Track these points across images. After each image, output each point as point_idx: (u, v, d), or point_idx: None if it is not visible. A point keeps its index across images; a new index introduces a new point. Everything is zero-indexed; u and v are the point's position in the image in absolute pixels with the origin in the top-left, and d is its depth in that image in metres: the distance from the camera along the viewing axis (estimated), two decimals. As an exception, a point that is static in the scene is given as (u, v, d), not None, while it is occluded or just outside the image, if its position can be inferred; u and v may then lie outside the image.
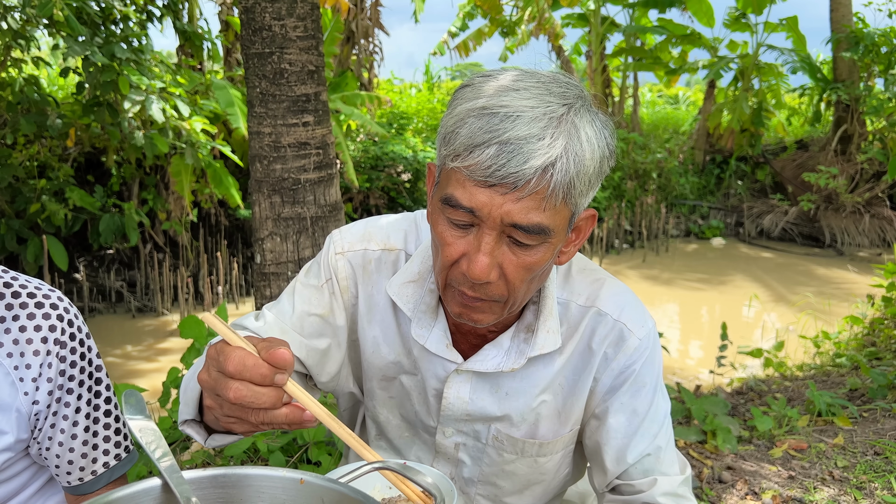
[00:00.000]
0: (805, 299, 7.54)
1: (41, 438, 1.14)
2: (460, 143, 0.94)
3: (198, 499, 0.82)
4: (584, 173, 0.95)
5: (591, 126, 0.96)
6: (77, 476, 1.18)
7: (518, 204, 0.93)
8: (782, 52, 12.41)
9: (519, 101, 0.93)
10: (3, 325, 1.08)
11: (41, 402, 1.11)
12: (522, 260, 0.98)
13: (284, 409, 0.83)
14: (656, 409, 1.20)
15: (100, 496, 0.79)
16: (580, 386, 1.19)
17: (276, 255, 3.36)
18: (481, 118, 0.92)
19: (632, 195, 12.16)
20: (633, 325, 1.17)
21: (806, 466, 2.96)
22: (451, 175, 0.97)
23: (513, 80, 0.96)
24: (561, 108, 0.94)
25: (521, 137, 0.90)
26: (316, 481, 0.85)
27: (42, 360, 1.10)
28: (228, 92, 7.69)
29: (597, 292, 1.19)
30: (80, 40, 6.24)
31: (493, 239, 0.96)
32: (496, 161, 0.91)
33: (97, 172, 8.22)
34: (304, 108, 3.30)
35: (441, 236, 1.01)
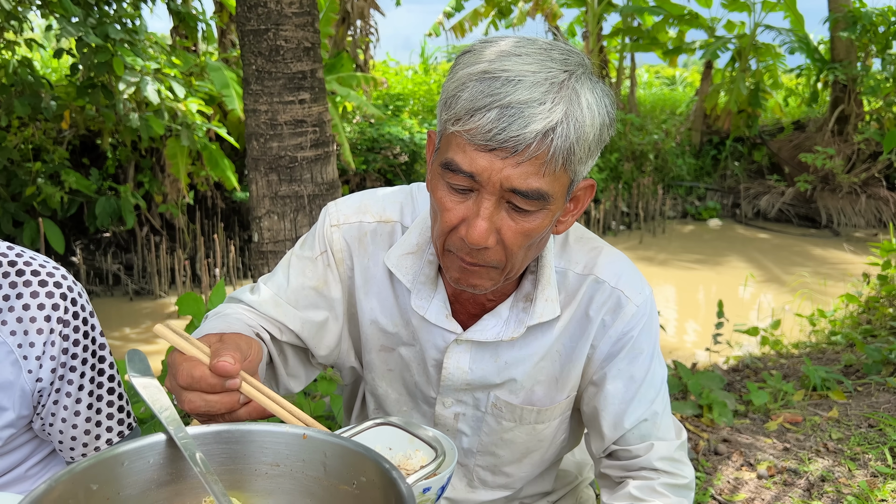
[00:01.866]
0: (801, 279, 7.57)
1: (45, 415, 1.15)
2: (461, 107, 0.94)
3: (202, 454, 0.83)
4: (584, 139, 0.95)
5: (592, 93, 0.97)
6: (80, 452, 1.19)
7: (518, 169, 0.93)
8: (780, 32, 12.36)
9: (520, 66, 0.93)
10: (6, 302, 1.08)
11: (44, 380, 1.11)
12: (521, 226, 0.99)
13: (244, 409, 0.87)
14: (653, 375, 1.21)
15: (106, 450, 0.81)
16: (578, 353, 1.20)
17: (274, 234, 3.37)
18: (482, 82, 0.93)
19: (629, 176, 12.15)
20: (630, 293, 1.18)
21: (801, 439, 2.99)
22: (451, 139, 0.97)
23: (514, 45, 0.96)
24: (562, 73, 0.94)
25: (523, 101, 0.91)
26: (318, 436, 0.87)
27: (45, 338, 1.10)
28: (223, 73, 7.64)
29: (594, 260, 1.20)
30: (73, 21, 6.19)
31: (492, 204, 0.97)
32: (497, 125, 0.91)
33: (92, 155, 8.19)
34: (300, 86, 3.29)
35: (441, 202, 1.01)
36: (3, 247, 1.13)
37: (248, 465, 0.88)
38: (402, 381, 1.28)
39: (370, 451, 0.82)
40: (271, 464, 0.88)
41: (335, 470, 0.85)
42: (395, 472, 0.77)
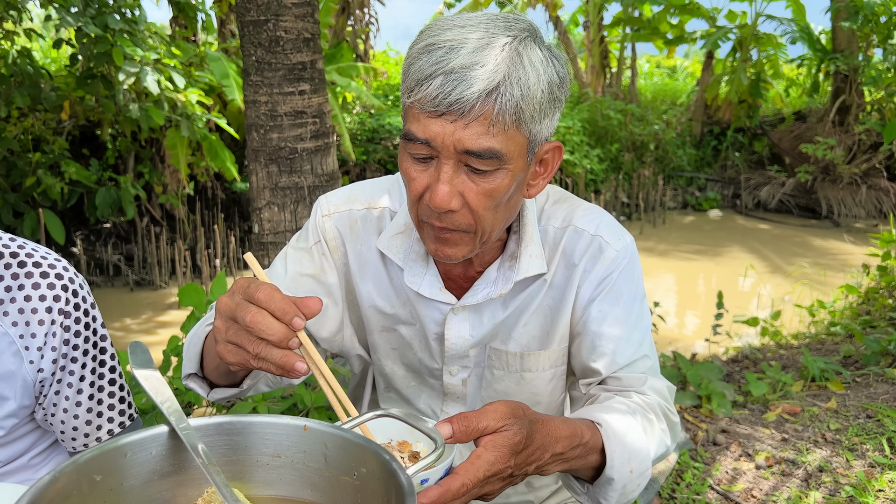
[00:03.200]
0: (801, 270, 7.58)
1: (46, 405, 1.15)
2: (411, 79, 1.00)
3: (204, 445, 0.84)
4: (530, 97, 0.99)
5: (537, 52, 1.01)
6: (82, 443, 1.20)
7: (467, 130, 0.98)
8: (781, 22, 12.30)
9: (463, 35, 0.98)
10: (8, 294, 1.09)
11: (46, 371, 1.12)
12: (482, 187, 1.03)
13: (277, 353, 0.86)
14: (638, 318, 1.24)
15: (109, 441, 0.81)
16: (565, 302, 1.24)
17: (274, 225, 3.37)
18: (429, 53, 0.98)
19: (629, 167, 12.13)
20: (609, 238, 1.23)
21: (799, 429, 3.00)
22: (408, 112, 1.03)
23: (461, 17, 1.02)
24: (505, 38, 0.99)
25: (465, 66, 0.96)
26: (319, 427, 0.87)
27: (47, 329, 1.10)
28: (223, 64, 7.62)
29: (572, 213, 1.25)
30: (72, 11, 6.17)
31: (450, 168, 1.02)
32: (442, 90, 0.96)
33: (92, 146, 8.18)
34: (300, 77, 3.28)
35: (406, 173, 1.06)
36: (5, 238, 1.14)
37: (249, 456, 0.89)
38: (406, 360, 1.32)
39: (370, 443, 0.83)
40: (272, 455, 0.88)
41: (336, 461, 0.86)
42: (395, 464, 0.78)
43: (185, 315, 6.88)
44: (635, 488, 1.09)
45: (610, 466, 1.05)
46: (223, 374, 1.12)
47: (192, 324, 2.78)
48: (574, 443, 1.00)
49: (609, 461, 1.05)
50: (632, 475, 1.07)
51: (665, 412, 1.21)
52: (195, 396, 2.67)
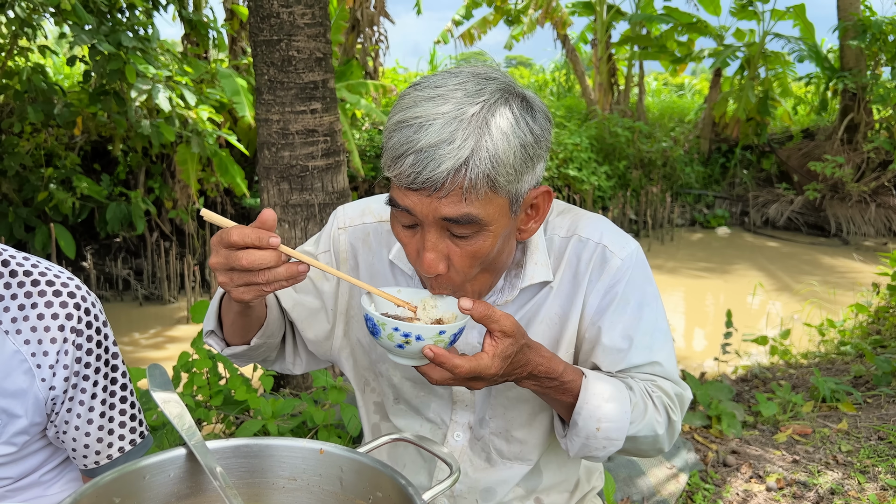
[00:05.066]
0: (810, 288, 7.55)
1: (58, 422, 1.16)
2: (387, 156, 1.04)
3: (222, 468, 0.84)
4: (501, 164, 1.01)
5: (506, 116, 1.03)
6: (93, 460, 1.21)
7: (443, 202, 1.02)
8: (789, 40, 12.34)
9: (432, 110, 1.01)
10: (21, 312, 1.10)
11: (58, 388, 1.13)
12: (465, 250, 1.07)
13: (283, 269, 0.96)
14: (649, 323, 1.25)
15: (129, 463, 0.82)
16: (573, 311, 1.26)
17: (284, 242, 3.39)
18: (400, 131, 1.01)
19: (637, 184, 12.14)
20: (614, 247, 1.25)
21: (810, 451, 2.98)
22: (391, 182, 1.07)
23: (432, 88, 1.04)
24: (473, 107, 1.01)
25: (433, 144, 0.98)
26: (335, 451, 0.88)
27: (59, 347, 1.11)
28: (234, 80, 7.69)
29: (576, 223, 1.28)
30: (86, 29, 6.25)
31: (434, 235, 1.05)
32: (414, 169, 1.00)
33: (103, 161, 8.25)
34: (312, 96, 3.31)
35: (398, 237, 1.12)
36: (19, 257, 1.15)
37: (265, 479, 0.89)
38: (414, 371, 1.34)
39: (386, 467, 0.84)
40: (288, 478, 0.89)
41: (352, 485, 0.87)
42: (410, 489, 0.79)
43: (194, 330, 6.91)
44: (600, 448, 1.18)
45: (577, 413, 1.15)
46: (238, 332, 1.21)
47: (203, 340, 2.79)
48: (552, 375, 1.12)
49: (577, 408, 1.15)
50: (598, 433, 1.16)
51: (667, 409, 1.24)
52: (204, 413, 2.68)
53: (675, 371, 1.29)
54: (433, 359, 0.99)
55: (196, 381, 2.67)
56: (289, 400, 2.62)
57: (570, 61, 14.90)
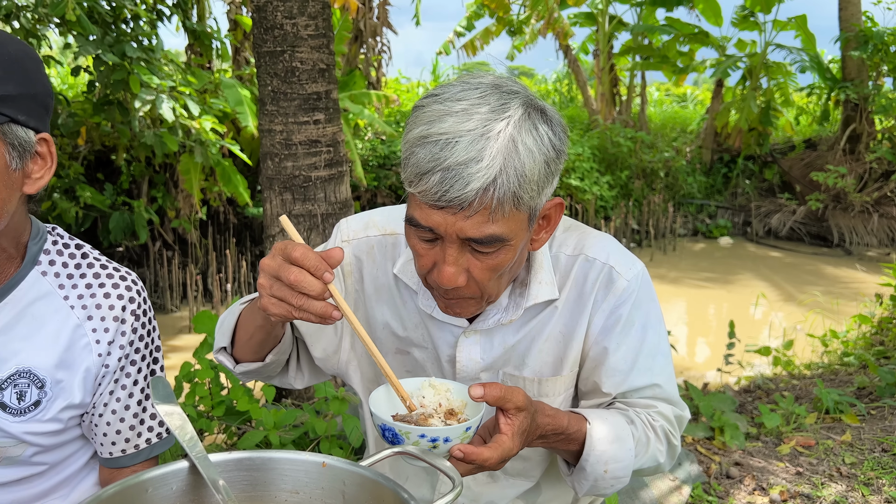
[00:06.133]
0: (813, 298, 7.53)
1: (97, 403, 1.19)
2: (410, 171, 1.02)
3: (224, 481, 0.84)
4: (527, 182, 1.01)
5: (531, 133, 1.02)
6: (120, 448, 1.23)
7: (468, 221, 1.01)
8: (791, 50, 12.37)
9: (458, 126, 0.99)
10: (88, 290, 1.16)
11: (111, 367, 1.17)
12: (486, 263, 1.07)
13: (321, 302, 0.96)
14: (651, 345, 1.26)
15: (131, 476, 0.82)
16: (577, 330, 1.26)
17: (287, 252, 3.40)
18: (425, 147, 1.00)
19: (639, 194, 12.15)
20: (621, 268, 1.25)
21: (814, 463, 2.97)
22: (411, 197, 1.06)
23: (455, 100, 1.02)
24: (499, 123, 1.00)
25: (461, 162, 0.97)
26: (337, 464, 0.88)
27: (118, 326, 1.16)
28: (237, 91, 7.73)
29: (583, 242, 1.27)
30: (91, 39, 6.28)
31: (455, 250, 1.05)
32: (441, 187, 0.98)
33: (107, 170, 8.28)
34: (315, 106, 3.33)
35: (413, 248, 1.11)
36: (94, 253, 1.21)
37: (268, 492, 0.89)
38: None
39: (389, 481, 0.84)
40: (291, 491, 0.89)
41: (354, 498, 0.87)
42: (413, 502, 0.79)
43: (196, 339, 6.91)
44: (608, 487, 1.21)
45: (584, 459, 1.17)
46: (253, 347, 1.21)
47: (206, 350, 2.79)
48: (558, 430, 1.14)
49: (585, 455, 1.17)
50: (605, 475, 1.18)
51: (667, 435, 1.26)
52: (206, 424, 2.68)
53: (674, 392, 1.30)
54: (464, 458, 0.98)
55: (198, 392, 2.67)
56: (291, 411, 2.62)
57: (572, 72, 14.95)
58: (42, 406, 1.12)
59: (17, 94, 1.00)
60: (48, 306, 1.13)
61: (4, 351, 1.10)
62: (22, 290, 1.11)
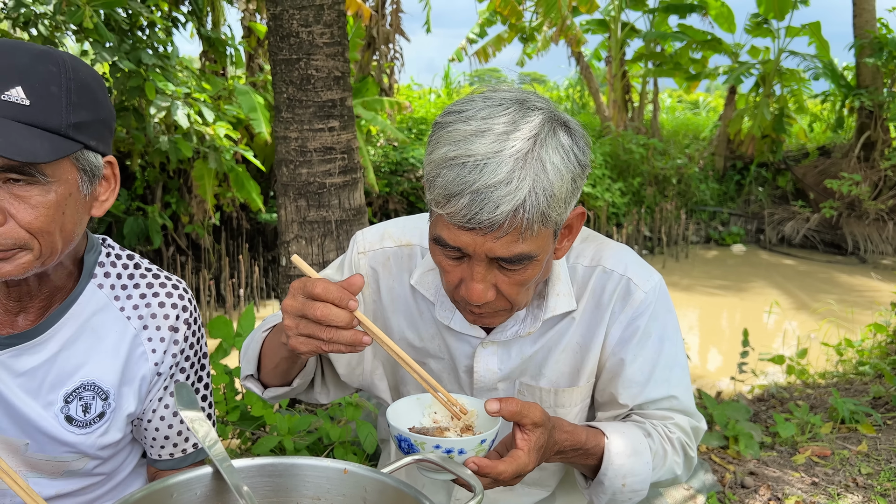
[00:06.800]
0: (827, 307, 7.48)
1: (147, 409, 1.21)
2: (438, 193, 1.02)
3: (248, 487, 0.85)
4: (555, 201, 1.02)
5: (559, 151, 1.02)
6: (168, 452, 1.26)
7: (498, 242, 1.01)
8: (804, 57, 12.32)
9: (485, 147, 0.99)
10: (143, 300, 1.18)
11: (163, 374, 1.19)
12: (514, 279, 1.08)
13: (350, 331, 0.97)
14: (668, 357, 1.27)
15: (157, 482, 0.83)
16: (594, 341, 1.27)
17: (302, 258, 3.41)
18: (452, 169, 1.00)
19: (651, 201, 12.11)
20: (638, 280, 1.25)
21: (829, 473, 2.95)
22: (437, 217, 1.06)
23: (480, 119, 1.02)
24: (527, 143, 1.00)
25: (490, 185, 0.97)
26: (359, 471, 0.89)
27: (172, 335, 1.19)
28: (251, 97, 7.78)
29: (600, 253, 1.28)
30: (107, 46, 6.35)
31: (483, 267, 1.06)
32: (470, 210, 0.98)
33: (121, 176, 8.33)
34: (330, 114, 3.35)
35: (440, 265, 1.12)
36: (144, 262, 1.24)
37: (290, 498, 0.90)
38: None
39: (410, 488, 0.84)
40: (313, 497, 0.90)
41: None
42: (435, 510, 0.79)
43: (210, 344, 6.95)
44: (626, 500, 1.22)
45: (603, 474, 1.18)
46: (279, 374, 1.22)
47: (220, 355, 2.81)
48: (576, 446, 1.15)
49: (603, 470, 1.18)
50: (623, 488, 1.19)
51: (684, 447, 1.27)
52: (220, 429, 2.69)
53: (691, 404, 1.30)
54: (478, 471, 0.98)
55: (213, 397, 2.68)
56: (305, 416, 2.63)
57: (584, 78, 14.94)
58: (106, 417, 1.14)
59: (89, 121, 1.01)
60: (106, 318, 1.15)
61: (68, 365, 1.11)
62: (81, 304, 1.13)
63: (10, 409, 1.08)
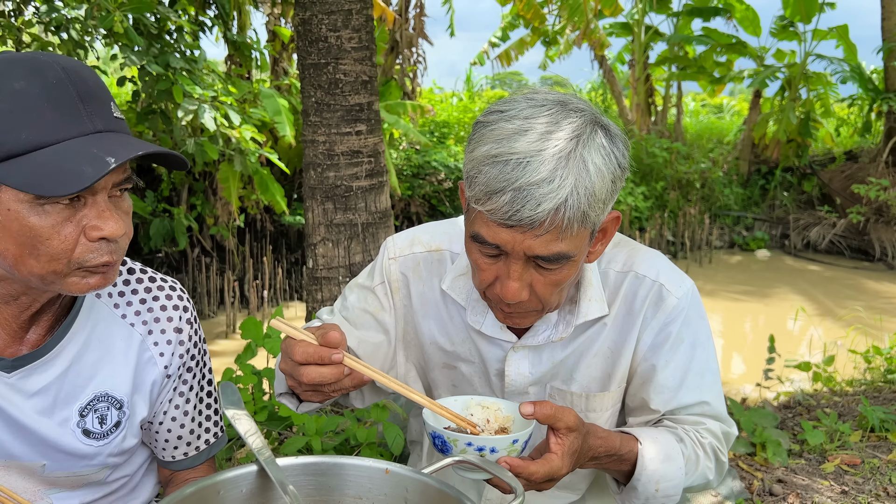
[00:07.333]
0: (854, 313, 7.37)
1: (157, 412, 1.22)
2: (479, 190, 1.02)
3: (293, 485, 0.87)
4: (595, 200, 1.02)
5: (600, 152, 1.03)
6: (182, 451, 1.27)
7: (537, 240, 1.02)
8: (831, 61, 12.17)
9: (528, 146, 1.00)
10: (143, 305, 1.18)
11: (173, 376, 1.20)
12: (549, 279, 1.08)
13: (347, 380, 0.98)
14: (700, 363, 1.27)
15: (204, 478, 0.85)
16: (626, 347, 1.27)
17: (328, 261, 3.44)
18: (495, 166, 1.01)
19: (674, 205, 12.03)
20: (671, 286, 1.26)
21: (859, 482, 2.91)
22: (476, 214, 1.06)
23: (524, 118, 1.03)
24: (569, 143, 1.01)
25: (533, 183, 0.98)
26: (400, 471, 0.90)
27: (177, 336, 1.19)
28: (276, 101, 7.85)
29: (632, 258, 1.28)
30: (136, 50, 6.44)
31: (520, 266, 1.06)
32: (512, 207, 0.99)
33: (148, 178, 8.46)
34: (358, 118, 3.37)
35: (475, 263, 1.12)
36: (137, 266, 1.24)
37: (332, 497, 0.92)
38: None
39: (452, 489, 0.85)
40: (354, 496, 0.92)
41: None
42: (478, 511, 0.80)
43: (232, 344, 7.01)
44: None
45: (636, 479, 1.19)
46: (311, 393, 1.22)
47: (248, 356, 2.84)
48: (610, 452, 1.16)
49: (636, 475, 1.18)
50: (657, 493, 1.20)
51: (716, 452, 1.27)
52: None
53: (723, 410, 1.30)
54: (509, 470, 0.99)
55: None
56: (332, 417, 2.65)
57: (607, 81, 14.88)
58: (122, 426, 1.15)
59: None
60: (109, 327, 1.15)
61: (79, 379, 1.12)
62: (83, 317, 1.13)
63: (25, 431, 1.08)
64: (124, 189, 0.99)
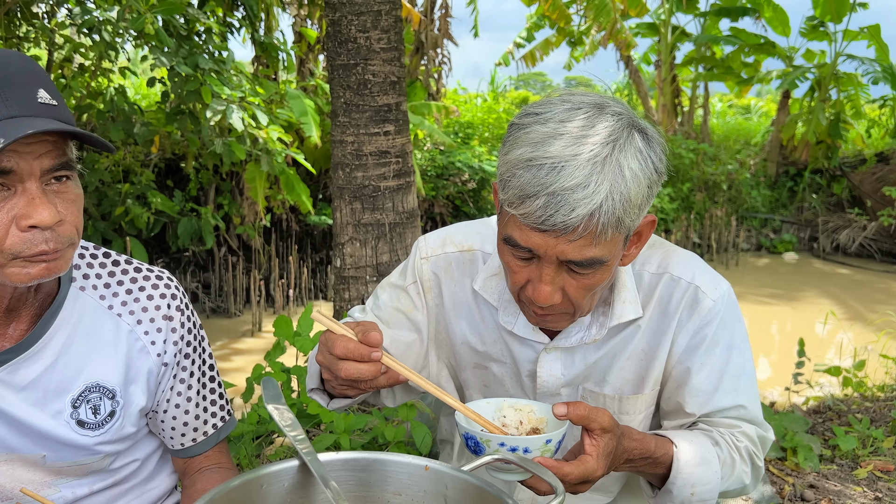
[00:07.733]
0: (885, 317, 7.24)
1: (160, 401, 1.23)
2: (513, 193, 1.02)
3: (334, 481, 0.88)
4: (631, 206, 1.01)
5: (636, 157, 1.02)
6: (190, 437, 1.28)
7: (570, 245, 1.01)
8: (863, 61, 11.97)
9: (563, 150, 0.99)
10: (130, 295, 1.19)
11: (169, 364, 1.21)
12: (582, 283, 1.08)
13: (383, 378, 0.99)
14: (736, 366, 1.25)
15: (247, 473, 0.86)
16: (661, 349, 1.26)
17: (356, 260, 3.46)
18: (529, 170, 1.00)
19: (701, 207, 11.91)
20: (706, 288, 1.24)
21: (893, 489, 2.87)
22: (509, 217, 1.06)
23: (559, 121, 1.02)
24: (605, 147, 1.00)
25: (567, 188, 0.97)
26: (440, 468, 0.91)
27: (169, 324, 1.20)
28: (302, 101, 7.91)
29: (667, 260, 1.27)
30: (165, 51, 6.53)
31: (552, 269, 1.06)
32: (545, 211, 0.98)
33: (176, 177, 8.57)
34: (386, 118, 3.39)
35: (508, 265, 1.12)
36: (122, 258, 1.25)
37: (371, 493, 0.92)
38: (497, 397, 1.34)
39: (492, 487, 0.86)
40: (394, 492, 0.92)
41: (456, 502, 0.89)
42: (519, 508, 0.80)
43: (258, 342, 7.08)
44: None
45: (671, 482, 1.18)
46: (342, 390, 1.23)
47: (278, 353, 2.87)
48: (645, 455, 1.15)
49: (671, 478, 1.17)
50: (692, 497, 1.18)
51: (752, 456, 1.25)
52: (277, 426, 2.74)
53: (759, 413, 1.29)
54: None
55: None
56: (360, 416, 2.67)
57: (633, 82, 14.78)
58: (118, 415, 1.16)
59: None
60: (96, 319, 1.15)
61: (69, 370, 1.12)
62: (67, 310, 1.12)
63: (20, 424, 1.08)
64: (62, 177, 0.98)
